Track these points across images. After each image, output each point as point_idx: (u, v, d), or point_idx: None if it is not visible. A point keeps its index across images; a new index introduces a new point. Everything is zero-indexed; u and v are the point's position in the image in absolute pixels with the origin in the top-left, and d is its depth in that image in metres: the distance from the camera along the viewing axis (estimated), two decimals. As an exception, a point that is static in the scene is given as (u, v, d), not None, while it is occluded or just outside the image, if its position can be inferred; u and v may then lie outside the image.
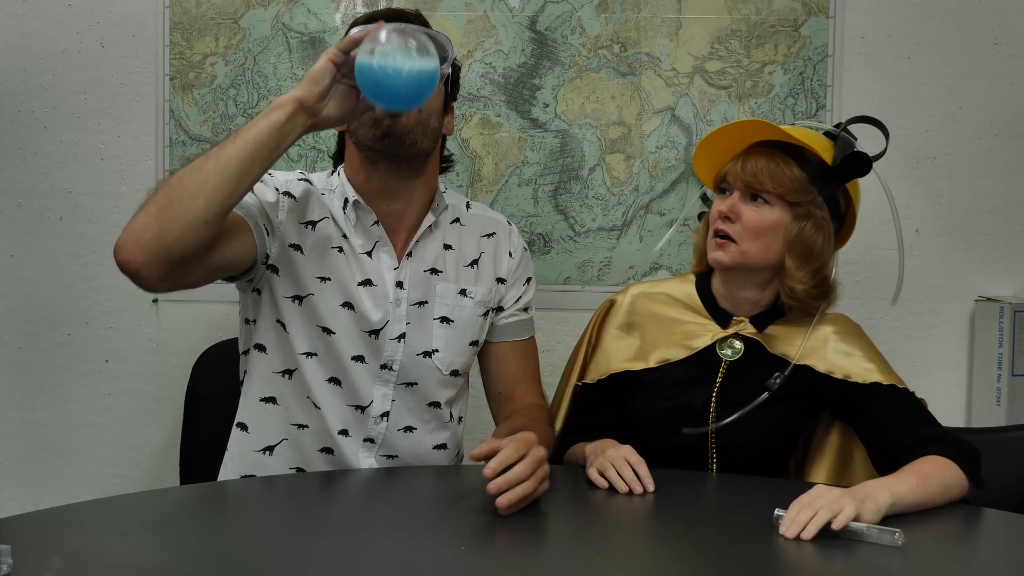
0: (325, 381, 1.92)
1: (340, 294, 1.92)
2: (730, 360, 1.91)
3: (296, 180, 1.98)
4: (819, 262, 1.84)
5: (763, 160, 1.83)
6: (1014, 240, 2.67)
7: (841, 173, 1.83)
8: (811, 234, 1.82)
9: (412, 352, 1.95)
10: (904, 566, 1.46)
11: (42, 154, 2.66)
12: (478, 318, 2.01)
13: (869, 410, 1.86)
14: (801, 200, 1.82)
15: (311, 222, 1.94)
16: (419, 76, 1.65)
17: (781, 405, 1.89)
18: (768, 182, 1.82)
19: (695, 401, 1.90)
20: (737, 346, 1.91)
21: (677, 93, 2.63)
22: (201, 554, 1.44)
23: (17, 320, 2.68)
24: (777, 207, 1.83)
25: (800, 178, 1.82)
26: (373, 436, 1.94)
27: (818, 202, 1.83)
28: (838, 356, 1.88)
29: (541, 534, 1.60)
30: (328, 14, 2.62)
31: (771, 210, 1.83)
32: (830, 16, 2.62)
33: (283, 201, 1.93)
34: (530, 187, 2.65)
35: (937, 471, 1.68)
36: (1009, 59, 2.64)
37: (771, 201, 1.83)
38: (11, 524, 1.50)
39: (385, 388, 1.94)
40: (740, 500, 1.74)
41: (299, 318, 1.92)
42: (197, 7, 2.62)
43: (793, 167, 1.82)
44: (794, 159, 1.83)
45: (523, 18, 2.62)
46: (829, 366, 1.87)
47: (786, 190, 1.81)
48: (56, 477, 2.69)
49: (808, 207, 1.82)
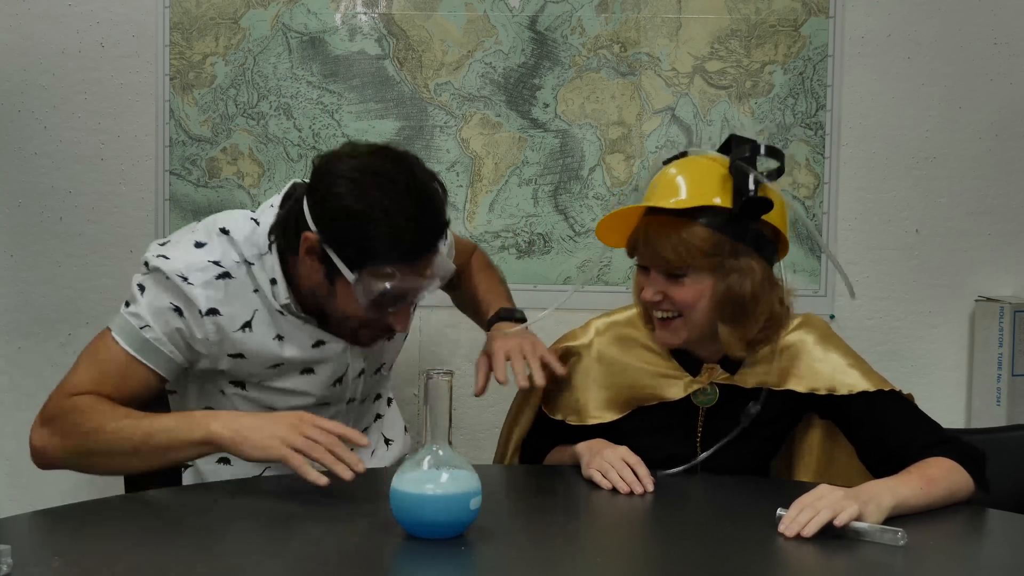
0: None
1: (297, 365, 1.87)
2: (708, 408, 1.85)
3: (215, 280, 1.79)
4: (757, 307, 1.75)
5: (662, 234, 1.71)
6: (1014, 240, 2.67)
7: (745, 216, 1.71)
8: (738, 287, 1.72)
9: (369, 375, 1.97)
10: (906, 566, 1.46)
11: (42, 154, 2.66)
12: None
13: (863, 420, 1.81)
14: (716, 261, 1.72)
15: (246, 324, 1.82)
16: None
17: (766, 426, 1.85)
18: (675, 259, 1.71)
19: (679, 451, 1.84)
20: (711, 392, 1.84)
21: (677, 93, 2.63)
22: (201, 554, 1.44)
23: (17, 320, 2.68)
24: (696, 276, 1.73)
25: (706, 238, 1.70)
26: None
27: (737, 249, 1.72)
28: (816, 368, 1.82)
29: (541, 534, 1.60)
30: (328, 14, 2.62)
31: (692, 281, 1.73)
32: (830, 16, 2.62)
33: (209, 325, 1.79)
34: (530, 187, 2.65)
35: (944, 474, 1.67)
36: (1009, 59, 2.63)
37: (688, 273, 1.73)
38: (11, 524, 1.50)
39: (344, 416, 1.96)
40: (741, 500, 1.74)
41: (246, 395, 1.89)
42: (197, 7, 2.62)
43: (696, 229, 1.70)
44: (695, 217, 1.71)
45: (523, 18, 2.62)
46: (811, 384, 1.81)
47: (696, 260, 1.71)
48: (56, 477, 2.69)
49: (725, 261, 1.72)
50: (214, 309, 1.79)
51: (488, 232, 2.65)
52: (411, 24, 2.62)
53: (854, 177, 2.65)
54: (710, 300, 1.74)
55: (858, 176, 2.66)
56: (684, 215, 1.71)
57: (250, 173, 2.62)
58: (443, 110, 2.63)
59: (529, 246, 2.66)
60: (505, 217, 2.65)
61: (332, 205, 1.72)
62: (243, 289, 1.81)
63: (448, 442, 1.47)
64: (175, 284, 1.78)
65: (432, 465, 1.46)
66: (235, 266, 1.81)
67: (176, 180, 2.64)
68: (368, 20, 2.62)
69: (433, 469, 1.46)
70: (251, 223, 1.84)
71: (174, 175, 2.64)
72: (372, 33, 2.62)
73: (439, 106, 2.63)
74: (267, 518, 1.62)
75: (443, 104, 2.63)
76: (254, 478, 1.89)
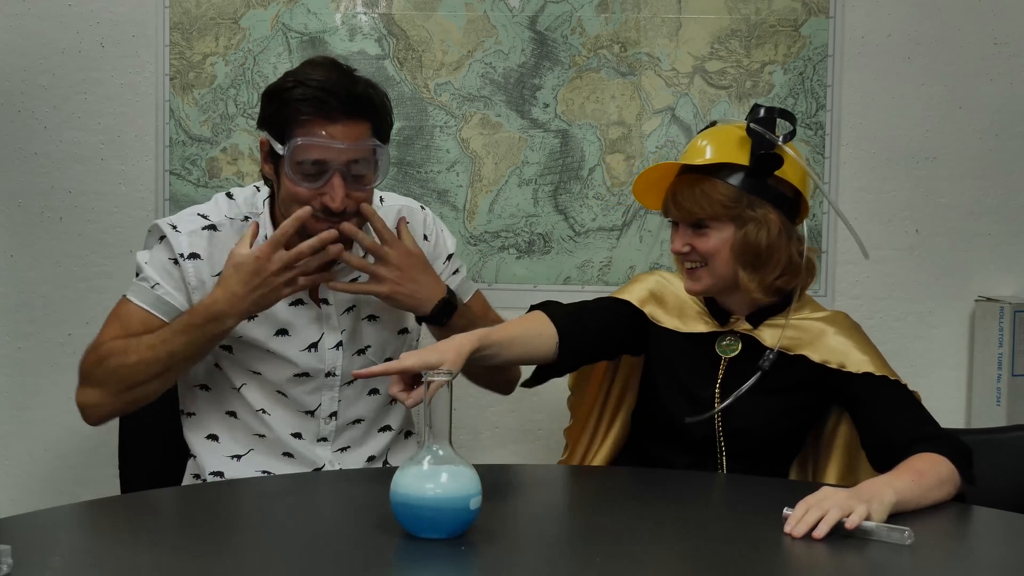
0: (274, 392, 2.00)
1: (271, 324, 1.97)
2: (729, 357, 1.96)
3: (200, 230, 1.96)
4: (774, 256, 1.89)
5: (688, 190, 1.90)
6: (1014, 240, 2.67)
7: (759, 172, 1.88)
8: (755, 235, 1.88)
9: (349, 354, 2.01)
10: (913, 565, 1.46)
11: (42, 154, 2.66)
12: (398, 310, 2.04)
13: (864, 401, 1.89)
14: (735, 211, 1.88)
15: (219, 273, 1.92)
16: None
17: (784, 395, 1.94)
18: (699, 211, 1.89)
19: (701, 393, 1.96)
20: (734, 343, 1.97)
21: (677, 93, 2.63)
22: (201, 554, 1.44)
23: (17, 320, 2.68)
24: (718, 226, 1.89)
25: (726, 191, 1.88)
26: (325, 435, 2.02)
27: (754, 202, 1.88)
28: (833, 347, 1.93)
29: (541, 534, 1.60)
30: (328, 14, 2.62)
31: (715, 232, 1.89)
32: (830, 16, 2.62)
33: (189, 267, 1.94)
34: (530, 187, 2.65)
35: (931, 468, 1.71)
36: (1009, 59, 2.63)
37: (711, 224, 1.90)
38: (11, 524, 1.50)
39: (331, 392, 2.01)
40: (747, 500, 1.74)
41: (233, 357, 1.99)
42: (197, 7, 2.62)
43: (717, 184, 1.88)
44: (716, 175, 1.89)
45: (523, 18, 2.62)
46: (824, 356, 1.92)
47: (717, 210, 1.88)
48: (56, 477, 2.69)
49: (743, 212, 1.88)
50: (195, 254, 1.94)
51: (488, 232, 2.65)
52: (411, 24, 2.62)
53: (854, 177, 2.66)
54: (731, 248, 1.89)
55: (858, 176, 2.66)
56: (708, 172, 1.90)
57: (250, 173, 2.62)
58: (443, 110, 2.63)
59: (529, 246, 2.66)
60: (505, 217, 2.65)
61: (264, 94, 1.95)
62: (226, 241, 1.94)
63: (448, 442, 1.48)
64: (167, 238, 1.94)
65: (432, 465, 1.46)
66: (225, 221, 1.97)
67: (176, 180, 2.64)
68: (368, 20, 2.62)
69: (433, 469, 1.46)
70: (253, 188, 2.04)
71: (174, 175, 2.64)
72: (372, 33, 2.62)
73: (439, 106, 2.63)
74: (267, 518, 1.62)
75: (443, 104, 2.63)
76: (254, 478, 1.90)
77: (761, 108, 1.91)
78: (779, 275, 1.91)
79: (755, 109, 1.93)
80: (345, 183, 1.87)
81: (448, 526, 1.46)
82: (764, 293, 1.92)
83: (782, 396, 1.94)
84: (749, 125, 1.90)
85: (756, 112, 1.92)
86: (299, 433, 2.00)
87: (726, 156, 1.90)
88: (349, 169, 1.88)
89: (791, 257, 1.91)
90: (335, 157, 1.86)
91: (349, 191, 1.88)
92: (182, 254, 1.93)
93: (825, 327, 1.96)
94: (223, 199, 2.02)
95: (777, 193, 1.90)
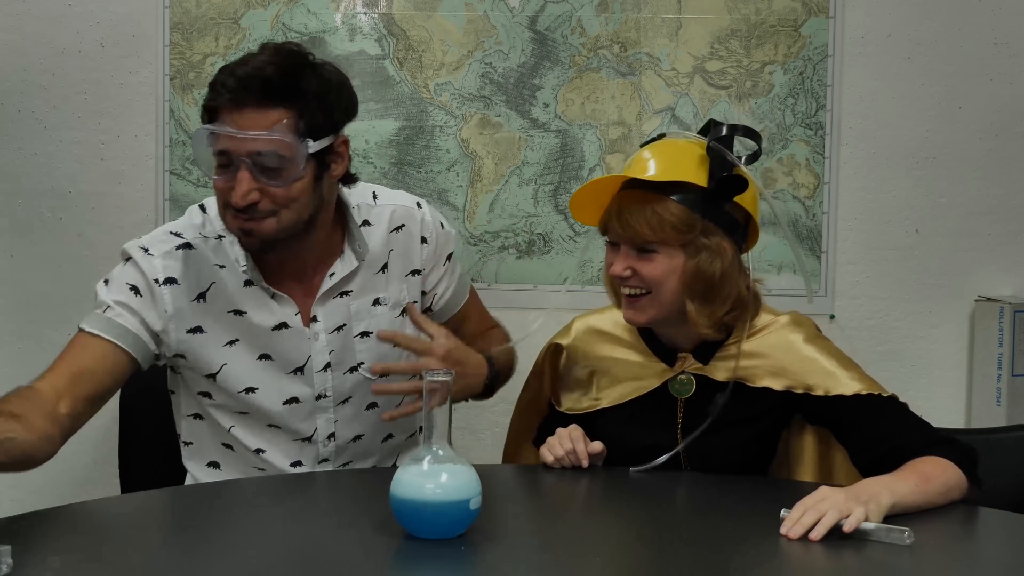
0: (266, 427, 1.91)
1: (255, 348, 1.86)
2: (685, 398, 1.85)
3: (174, 250, 1.83)
4: (725, 287, 1.76)
5: (637, 207, 1.73)
6: (1014, 240, 2.67)
7: (719, 196, 1.73)
8: (708, 265, 1.73)
9: (340, 373, 1.92)
10: (913, 565, 1.46)
11: (42, 154, 2.66)
12: (395, 320, 1.95)
13: (853, 427, 1.79)
14: (687, 237, 1.72)
15: (201, 295, 1.83)
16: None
17: (749, 425, 1.83)
18: (648, 233, 1.72)
19: (661, 442, 1.83)
20: (688, 383, 1.84)
21: (677, 93, 2.63)
22: (201, 554, 1.44)
23: (17, 320, 2.68)
24: (667, 252, 1.74)
25: (679, 214, 1.71)
26: (326, 456, 1.94)
27: (709, 228, 1.73)
28: (796, 368, 1.80)
29: (541, 534, 1.60)
30: (328, 14, 2.62)
31: (662, 257, 1.74)
32: (830, 16, 2.62)
33: (166, 295, 1.82)
34: (530, 187, 2.65)
35: (939, 472, 1.67)
36: (1009, 59, 2.63)
37: (659, 249, 1.73)
38: (11, 524, 1.50)
39: (326, 414, 1.92)
40: (743, 501, 1.73)
41: (220, 387, 1.88)
42: (197, 7, 2.62)
43: (669, 205, 1.71)
44: (669, 193, 1.72)
45: (523, 18, 2.62)
46: (788, 382, 1.80)
47: (668, 235, 1.72)
48: (56, 477, 2.69)
49: (697, 239, 1.73)
50: (171, 278, 1.82)
51: (488, 232, 2.65)
52: (411, 24, 2.62)
53: (854, 177, 2.66)
54: (679, 277, 1.74)
55: (858, 176, 2.66)
56: (658, 191, 1.73)
57: (250, 173, 2.62)
58: (443, 110, 2.63)
59: (529, 246, 2.66)
60: (505, 217, 2.65)
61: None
62: (203, 261, 1.83)
63: (448, 442, 1.47)
64: (133, 259, 1.82)
65: (432, 465, 1.46)
66: (200, 239, 1.85)
67: (176, 180, 2.64)
68: (368, 20, 2.62)
69: (433, 469, 1.46)
70: None
71: (174, 175, 2.64)
72: (372, 33, 2.62)
73: (439, 106, 2.63)
74: (267, 518, 1.62)
75: (443, 104, 2.63)
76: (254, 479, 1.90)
77: (722, 126, 1.75)
78: (728, 310, 1.77)
79: (714, 126, 1.76)
80: (254, 177, 1.71)
81: (448, 526, 1.46)
82: (713, 328, 1.77)
83: (746, 427, 1.83)
84: (710, 144, 1.74)
85: (718, 130, 1.75)
86: (299, 461, 1.92)
87: (682, 174, 1.73)
88: (256, 161, 1.71)
89: (740, 291, 1.77)
90: (235, 147, 1.70)
91: (263, 186, 1.72)
92: (156, 279, 1.81)
93: (788, 344, 1.81)
94: (196, 212, 1.88)
95: (731, 219, 1.75)
